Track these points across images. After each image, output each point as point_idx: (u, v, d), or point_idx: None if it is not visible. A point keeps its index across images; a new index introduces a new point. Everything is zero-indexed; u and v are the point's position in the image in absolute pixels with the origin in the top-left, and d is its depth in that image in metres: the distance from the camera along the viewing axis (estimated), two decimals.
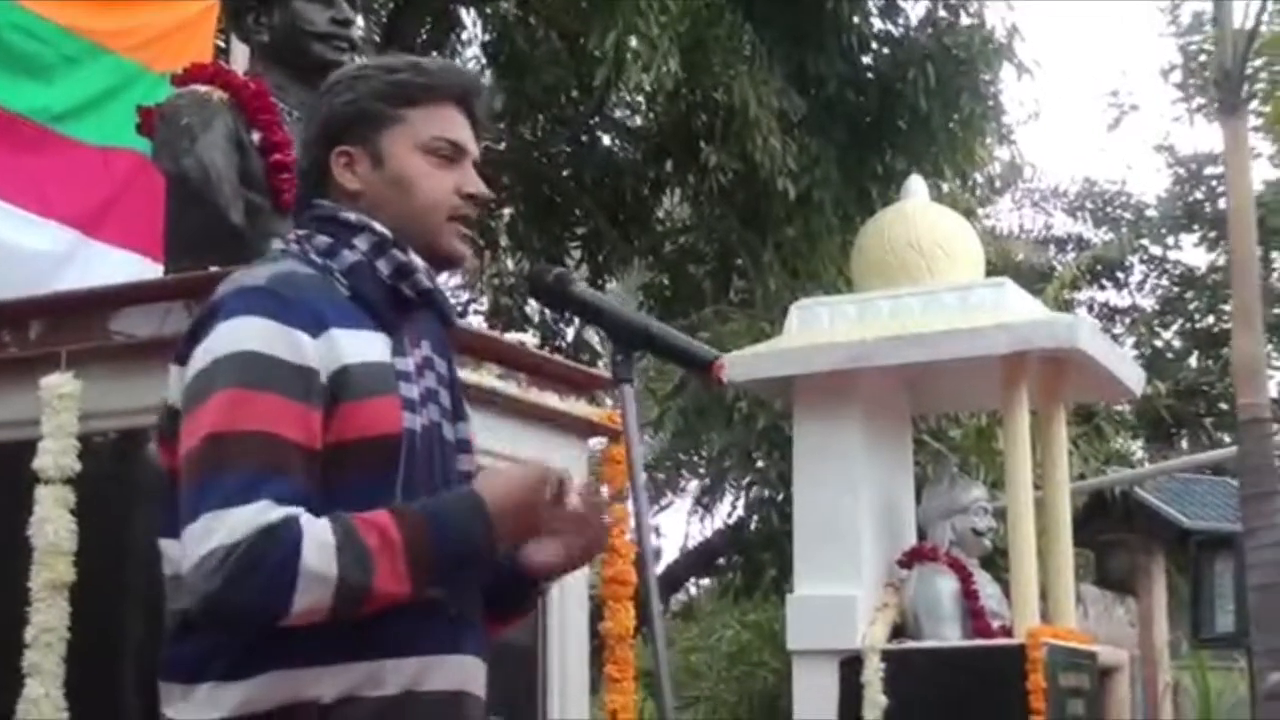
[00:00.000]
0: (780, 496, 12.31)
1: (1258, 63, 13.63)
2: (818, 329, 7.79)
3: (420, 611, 2.20)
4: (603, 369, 10.69)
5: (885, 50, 13.35)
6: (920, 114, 12.48)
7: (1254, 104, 13.90)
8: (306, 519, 2.11)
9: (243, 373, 2.16)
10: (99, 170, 5.81)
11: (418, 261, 2.33)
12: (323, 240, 2.34)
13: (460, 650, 2.29)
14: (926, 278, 7.79)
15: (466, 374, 4.09)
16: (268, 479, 2.12)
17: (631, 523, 4.49)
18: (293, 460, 2.14)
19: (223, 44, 6.63)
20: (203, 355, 2.20)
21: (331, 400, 2.20)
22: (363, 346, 2.25)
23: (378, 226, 2.33)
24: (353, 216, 2.34)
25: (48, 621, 3.50)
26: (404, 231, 2.34)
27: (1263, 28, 13.23)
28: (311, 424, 2.17)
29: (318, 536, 2.10)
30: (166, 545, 2.28)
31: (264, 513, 2.09)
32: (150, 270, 5.11)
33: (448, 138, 2.38)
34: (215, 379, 2.17)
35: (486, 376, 4.19)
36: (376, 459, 2.21)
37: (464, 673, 2.30)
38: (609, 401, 4.80)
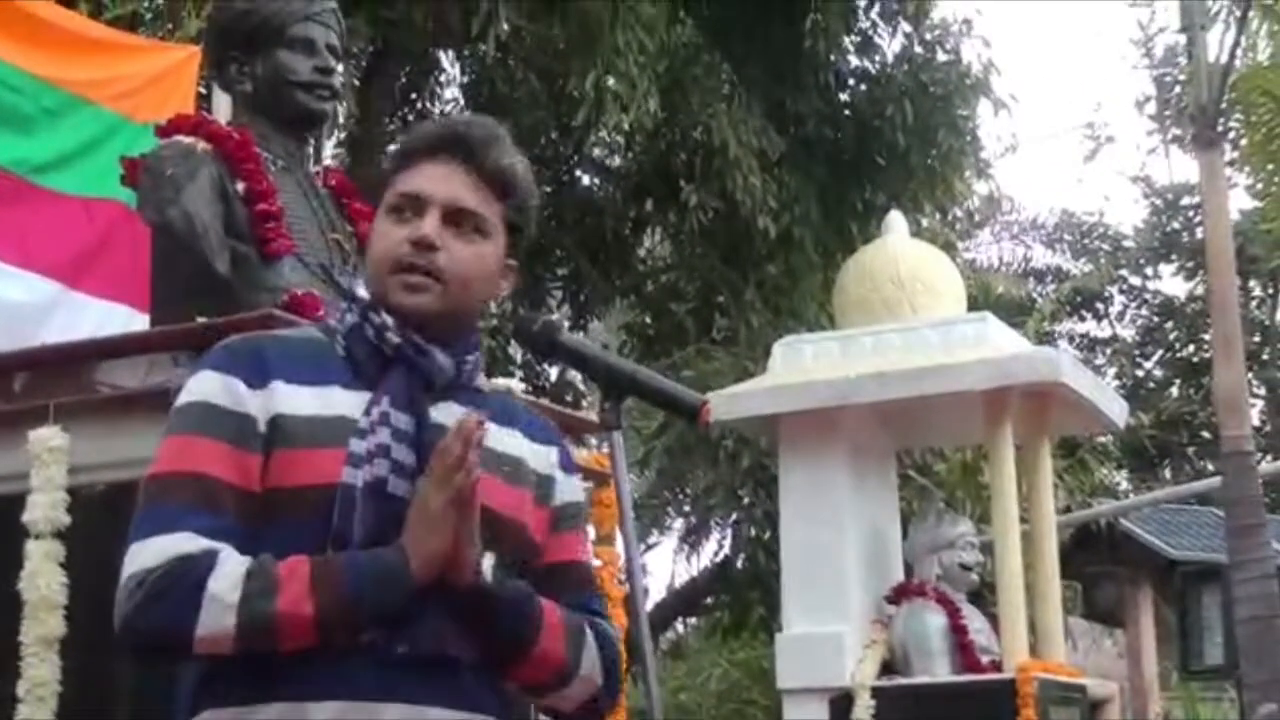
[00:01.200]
0: (767, 534, 12.32)
1: (1232, 95, 13.69)
2: (801, 366, 7.81)
3: (347, 655, 2.20)
4: (586, 408, 10.69)
5: (863, 87, 13.45)
6: (898, 150, 12.56)
7: (1229, 136, 13.98)
8: (226, 553, 2.20)
9: (184, 420, 2.31)
10: (81, 221, 5.80)
11: (388, 320, 2.37)
12: (343, 306, 2.47)
13: (412, 699, 2.24)
14: (908, 313, 7.82)
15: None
16: (192, 513, 2.22)
17: (621, 565, 4.50)
18: (222, 499, 2.24)
19: (204, 90, 6.64)
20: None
21: (269, 446, 2.29)
22: (320, 400, 2.32)
23: (358, 292, 2.42)
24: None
25: (40, 676, 3.49)
26: (375, 294, 2.40)
27: (1236, 62, 13.31)
28: (246, 465, 2.27)
29: (230, 567, 2.18)
30: None
31: (182, 543, 2.20)
32: (135, 321, 5.10)
33: (404, 192, 2.39)
34: (169, 428, 2.34)
35: None
36: (311, 507, 2.25)
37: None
38: (593, 442, 4.79)
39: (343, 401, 2.32)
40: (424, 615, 2.26)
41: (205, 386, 2.31)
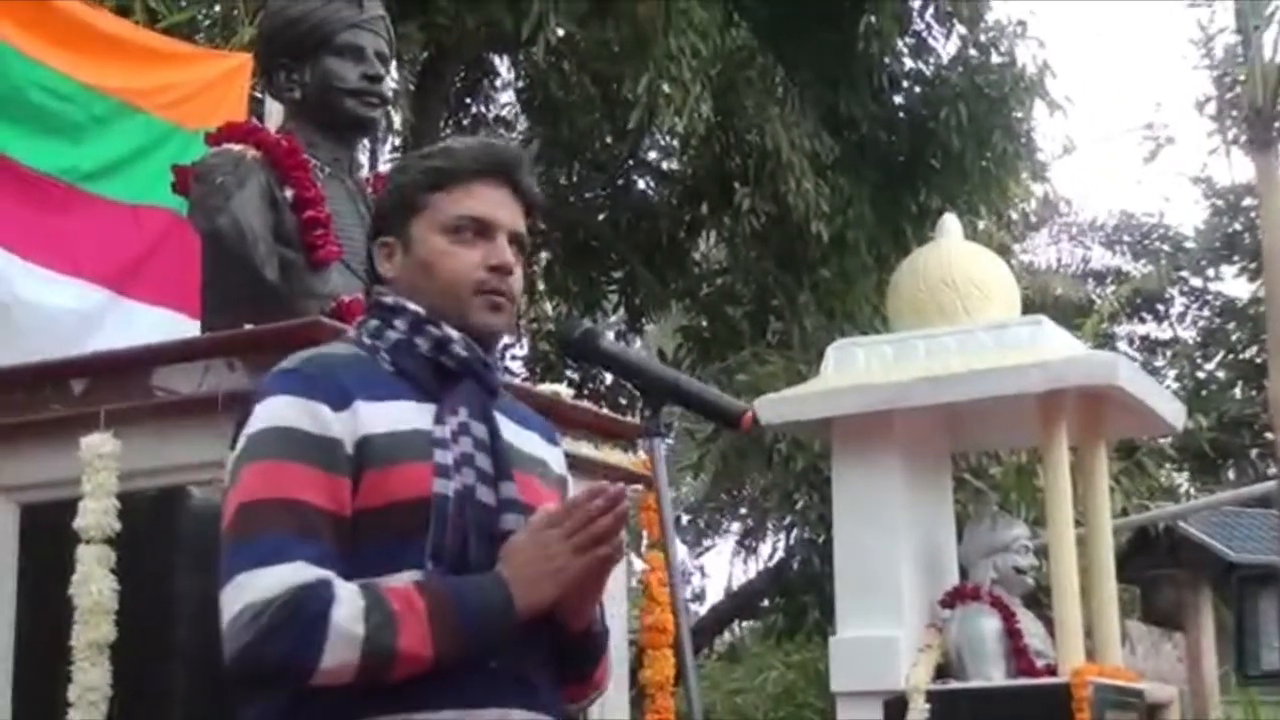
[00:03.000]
0: (821, 538, 12.30)
1: None
2: (855, 369, 7.78)
3: (448, 667, 2.24)
4: (638, 415, 10.67)
5: (917, 89, 13.41)
6: (953, 152, 12.51)
7: None
8: (340, 583, 2.20)
9: (269, 446, 2.29)
10: (129, 228, 5.83)
11: (453, 333, 2.42)
12: (373, 323, 2.47)
13: (496, 704, 2.30)
14: (963, 317, 7.78)
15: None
16: (299, 542, 2.22)
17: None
18: (321, 526, 2.25)
19: (259, 96, 6.68)
20: (242, 436, 2.34)
21: (358, 469, 2.30)
22: (394, 416, 2.34)
23: (411, 306, 2.44)
24: (390, 300, 2.47)
25: (91, 680, 3.52)
26: (437, 310, 2.43)
27: None
28: (338, 491, 2.28)
29: (348, 598, 2.19)
30: None
31: (298, 573, 2.19)
32: (186, 326, 5.13)
33: (470, 215, 2.45)
34: (247, 455, 2.31)
35: None
36: (405, 523, 2.28)
37: None
38: (642, 447, 4.80)
39: (414, 416, 2.36)
40: (520, 639, 2.33)
41: (286, 412, 2.30)
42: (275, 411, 2.31)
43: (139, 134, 5.91)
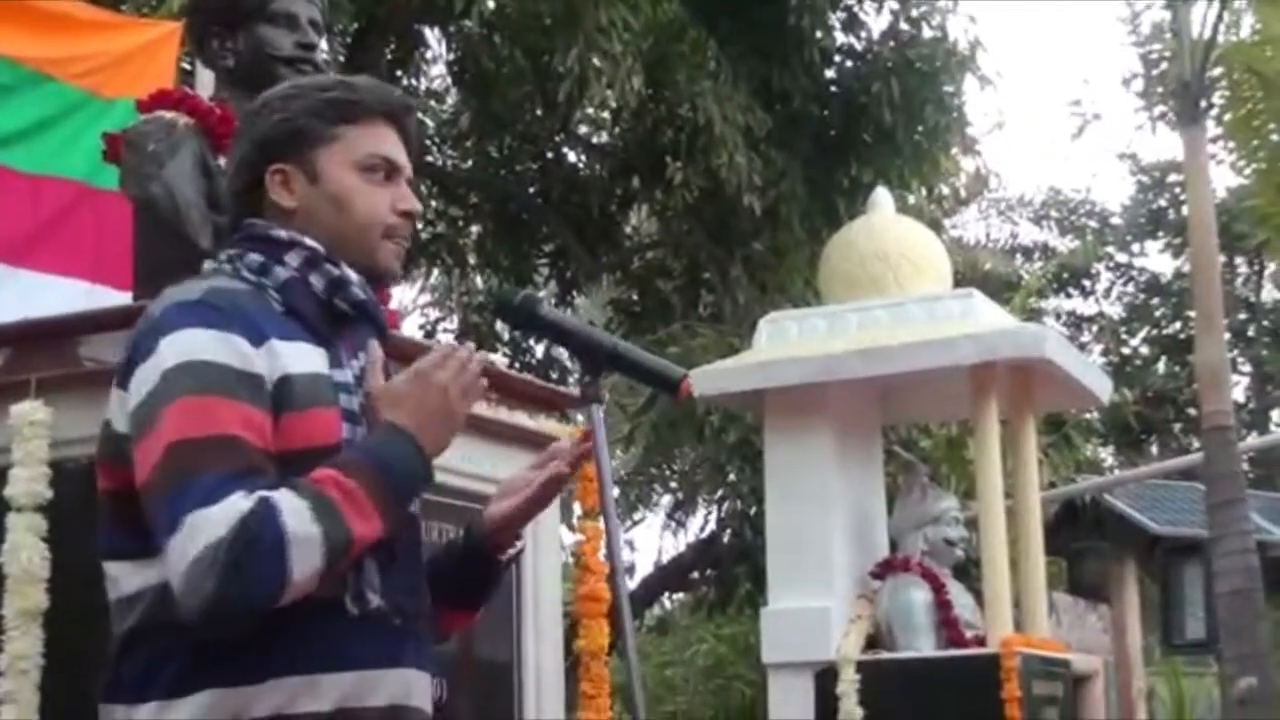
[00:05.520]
0: (753, 510, 12.35)
1: (1216, 71, 13.72)
2: (786, 342, 7.81)
3: (358, 624, 2.22)
4: (573, 386, 10.66)
5: (849, 64, 13.43)
6: (885, 127, 12.55)
7: (1214, 112, 14.00)
8: (272, 494, 2.12)
9: (194, 381, 2.16)
10: (26, 199, 5.70)
11: (351, 274, 2.35)
12: (254, 258, 2.34)
13: (400, 663, 2.28)
14: (894, 290, 7.82)
15: None
16: (239, 479, 2.12)
17: (604, 540, 4.51)
18: (256, 461, 2.15)
19: (189, 66, 6.61)
20: (149, 372, 2.19)
21: (276, 409, 2.21)
22: (301, 358, 2.27)
23: (308, 242, 2.34)
24: (284, 234, 2.35)
25: (22, 649, 3.50)
26: (338, 247, 2.36)
27: (1219, 37, 13.33)
28: (264, 428, 2.18)
29: (290, 504, 2.11)
30: (110, 567, 2.30)
31: (238, 503, 2.09)
32: (96, 295, 5.06)
33: (383, 155, 2.40)
34: (167, 391, 2.16)
35: None
36: (317, 469, 2.20)
37: (403, 686, 2.29)
38: (579, 418, 4.81)
39: (315, 358, 2.29)
40: (413, 592, 2.33)
41: (206, 344, 2.17)
42: (193, 345, 2.17)
43: (47, 102, 5.79)
